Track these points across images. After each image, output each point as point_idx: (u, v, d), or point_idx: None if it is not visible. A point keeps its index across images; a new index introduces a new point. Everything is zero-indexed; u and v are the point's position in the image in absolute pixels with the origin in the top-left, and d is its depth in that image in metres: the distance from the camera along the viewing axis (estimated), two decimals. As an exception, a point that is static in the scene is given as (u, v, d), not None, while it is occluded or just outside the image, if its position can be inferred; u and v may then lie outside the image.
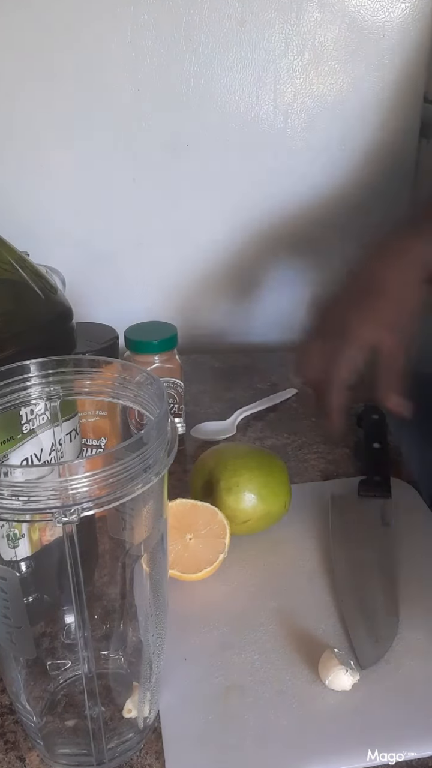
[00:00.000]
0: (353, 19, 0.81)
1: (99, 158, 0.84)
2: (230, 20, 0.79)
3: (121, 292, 0.92)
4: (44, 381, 0.40)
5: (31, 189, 0.85)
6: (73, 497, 0.31)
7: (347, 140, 0.87)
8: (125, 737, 0.41)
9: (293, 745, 0.41)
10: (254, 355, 0.93)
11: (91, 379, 0.41)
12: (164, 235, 0.90)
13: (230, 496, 0.54)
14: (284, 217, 0.91)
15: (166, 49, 0.80)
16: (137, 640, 0.44)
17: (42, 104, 0.81)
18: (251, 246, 0.92)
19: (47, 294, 0.47)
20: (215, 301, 0.95)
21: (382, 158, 0.89)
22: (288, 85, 0.84)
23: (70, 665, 0.45)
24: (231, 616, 0.50)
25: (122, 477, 0.32)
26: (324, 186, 0.89)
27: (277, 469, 0.58)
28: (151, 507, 0.38)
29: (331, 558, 0.54)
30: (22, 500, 0.31)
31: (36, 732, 0.42)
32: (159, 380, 0.38)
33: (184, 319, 0.88)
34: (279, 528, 0.58)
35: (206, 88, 0.82)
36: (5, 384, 0.39)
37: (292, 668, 0.46)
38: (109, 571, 0.45)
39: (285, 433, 0.75)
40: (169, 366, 0.68)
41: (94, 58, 0.79)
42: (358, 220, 0.92)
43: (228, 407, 0.79)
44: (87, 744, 0.40)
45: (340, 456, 0.70)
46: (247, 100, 0.84)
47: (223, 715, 0.43)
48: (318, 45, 0.82)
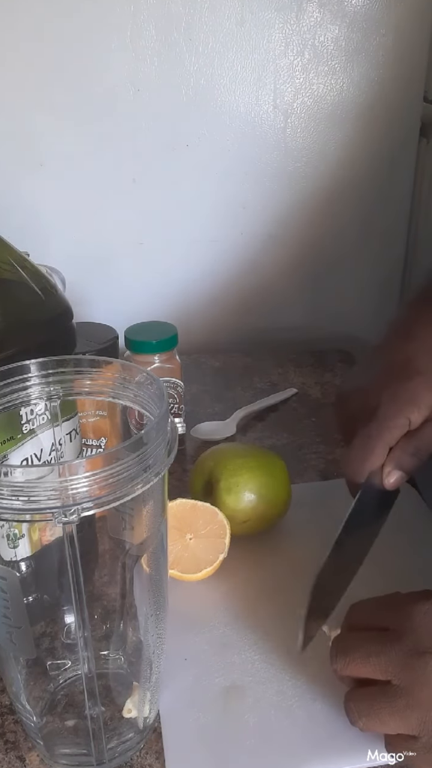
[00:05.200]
0: (353, 19, 0.81)
1: (99, 158, 0.84)
2: (230, 20, 0.79)
3: (121, 292, 0.92)
4: (44, 381, 0.40)
5: (31, 189, 0.85)
6: (73, 497, 0.31)
7: (347, 140, 0.87)
8: (125, 737, 0.41)
9: (293, 745, 0.41)
10: (254, 355, 0.93)
11: (91, 379, 0.41)
12: (164, 235, 0.90)
13: (230, 496, 0.54)
14: (284, 217, 0.91)
15: (166, 49, 0.80)
16: (137, 640, 0.44)
17: (42, 104, 0.81)
18: (251, 246, 0.92)
19: (47, 294, 0.47)
20: (215, 301, 0.95)
21: (382, 158, 0.89)
22: (288, 85, 0.84)
23: (70, 665, 0.45)
24: (231, 616, 0.50)
25: (122, 477, 0.32)
26: (324, 186, 0.89)
27: (277, 469, 0.58)
28: (151, 507, 0.38)
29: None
30: (22, 500, 0.31)
31: (36, 732, 0.42)
32: (159, 380, 0.38)
33: (184, 319, 0.88)
34: (279, 528, 0.58)
35: (206, 88, 0.82)
36: (5, 384, 0.39)
37: (292, 668, 0.46)
38: (109, 571, 0.45)
39: (285, 433, 0.75)
40: (169, 366, 0.68)
41: (94, 58, 0.79)
42: (358, 220, 0.92)
43: (228, 407, 0.79)
44: (87, 744, 0.40)
45: (340, 456, 0.70)
46: (247, 100, 0.84)
47: (223, 715, 0.43)
48: (318, 45, 0.82)
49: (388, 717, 0.37)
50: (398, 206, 0.92)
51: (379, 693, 0.38)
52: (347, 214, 0.91)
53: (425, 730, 0.36)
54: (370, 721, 0.38)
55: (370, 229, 0.93)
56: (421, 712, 0.36)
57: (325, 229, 0.92)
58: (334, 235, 0.93)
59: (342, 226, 0.92)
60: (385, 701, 0.37)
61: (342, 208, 0.91)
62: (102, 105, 0.82)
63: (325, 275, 0.95)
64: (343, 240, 0.93)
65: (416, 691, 0.36)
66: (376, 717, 0.38)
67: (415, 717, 0.36)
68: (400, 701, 0.37)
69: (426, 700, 0.36)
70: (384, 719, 0.37)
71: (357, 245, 0.94)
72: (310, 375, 0.87)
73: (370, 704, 0.38)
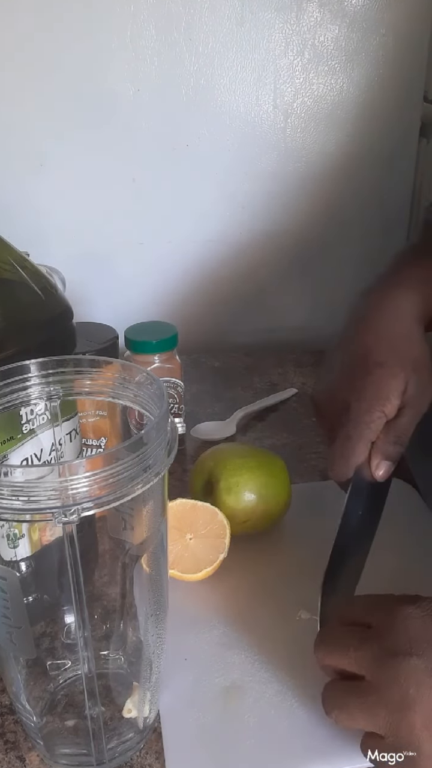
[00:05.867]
0: (353, 19, 0.81)
1: (99, 158, 0.84)
2: (230, 20, 0.79)
3: (121, 292, 0.92)
4: (44, 381, 0.40)
5: (31, 189, 0.85)
6: (73, 497, 0.31)
7: (347, 140, 0.87)
8: (125, 737, 0.41)
9: (293, 745, 0.41)
10: (254, 355, 0.93)
11: (91, 379, 0.41)
12: (164, 235, 0.90)
13: (230, 496, 0.54)
14: (284, 217, 0.91)
15: (166, 49, 0.80)
16: (137, 640, 0.44)
17: (42, 104, 0.81)
18: (251, 246, 0.92)
19: (47, 294, 0.47)
20: (215, 301, 0.95)
21: (382, 158, 0.89)
22: (288, 85, 0.84)
23: (70, 665, 0.45)
24: (231, 616, 0.50)
25: (122, 477, 0.32)
26: (324, 186, 0.89)
27: (277, 469, 0.58)
28: (151, 507, 0.38)
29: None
30: (22, 500, 0.31)
31: (36, 732, 0.42)
32: (159, 380, 0.38)
33: (184, 318, 0.88)
34: (279, 528, 0.58)
35: (206, 88, 0.82)
36: (5, 384, 0.39)
37: (292, 668, 0.46)
38: (109, 571, 0.45)
39: (285, 433, 0.75)
40: (169, 366, 0.68)
41: (94, 58, 0.79)
42: (358, 219, 0.92)
43: (228, 407, 0.79)
44: (87, 744, 0.40)
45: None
46: (247, 100, 0.84)
47: (223, 715, 0.43)
48: (318, 45, 0.82)
49: (357, 712, 0.38)
50: (398, 206, 0.92)
51: (353, 687, 0.38)
52: (347, 213, 0.91)
53: (391, 730, 0.36)
54: (341, 713, 0.38)
55: (369, 229, 0.93)
56: (388, 711, 0.36)
57: (325, 229, 0.92)
58: (334, 234, 0.93)
59: (342, 226, 0.92)
60: (356, 696, 0.38)
61: (342, 208, 0.91)
62: (102, 105, 0.82)
63: (325, 275, 0.95)
64: (343, 240, 0.93)
65: (387, 689, 0.36)
66: (346, 711, 0.38)
67: (383, 716, 0.36)
68: (370, 698, 0.37)
69: (395, 700, 0.36)
70: (354, 714, 0.38)
71: (357, 245, 0.94)
72: (310, 375, 0.87)
73: (343, 697, 0.39)
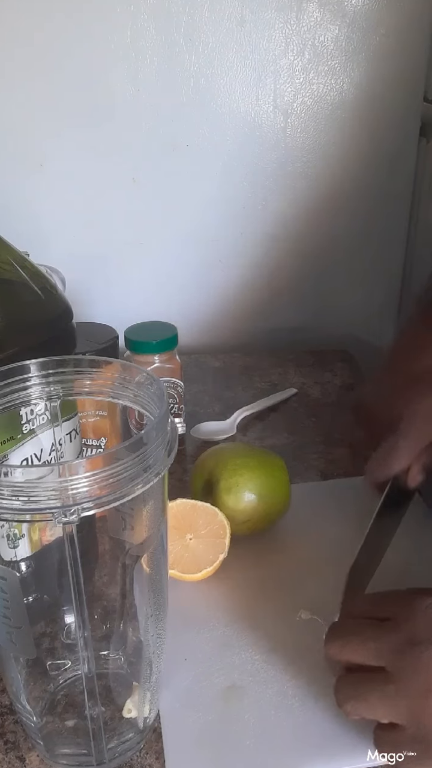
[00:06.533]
0: (353, 18, 0.81)
1: (99, 158, 0.84)
2: (230, 20, 0.79)
3: (121, 292, 0.92)
4: (44, 381, 0.40)
5: (30, 189, 0.85)
6: (73, 497, 0.31)
7: (347, 140, 0.87)
8: (125, 737, 0.41)
9: (293, 745, 0.41)
10: (254, 355, 0.93)
11: (91, 379, 0.41)
12: (164, 235, 0.90)
13: (230, 496, 0.54)
14: (284, 217, 0.91)
15: (166, 49, 0.80)
16: (137, 640, 0.44)
17: (42, 104, 0.81)
18: (251, 246, 0.92)
19: (47, 294, 0.47)
20: (215, 301, 0.95)
21: (382, 158, 0.89)
22: (288, 85, 0.84)
23: (70, 665, 0.45)
24: (231, 616, 0.50)
25: (122, 477, 0.32)
26: (324, 186, 0.89)
27: (277, 469, 0.58)
28: (151, 507, 0.38)
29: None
30: (22, 500, 0.31)
31: (36, 732, 0.42)
32: (159, 380, 0.38)
33: (184, 319, 0.88)
34: (279, 528, 0.58)
35: (206, 88, 0.82)
36: (5, 384, 0.39)
37: (292, 668, 0.46)
38: (109, 571, 0.45)
39: (285, 433, 0.75)
40: (169, 366, 0.68)
41: (94, 58, 0.79)
42: (358, 220, 0.92)
43: (228, 407, 0.79)
44: (87, 744, 0.40)
45: (340, 456, 0.70)
46: (247, 100, 0.84)
47: (223, 715, 0.43)
48: (318, 45, 0.82)
49: (377, 701, 0.37)
50: (398, 206, 0.92)
51: (371, 678, 0.38)
52: (347, 214, 0.91)
53: (412, 720, 0.36)
54: (358, 704, 0.38)
55: (370, 229, 0.93)
56: (410, 700, 0.36)
57: (324, 229, 0.92)
58: (333, 234, 0.93)
59: (342, 226, 0.92)
60: (375, 686, 0.38)
61: (342, 208, 0.91)
62: (102, 105, 0.82)
63: (325, 275, 0.95)
64: (343, 240, 0.93)
65: (408, 678, 0.36)
66: (364, 701, 0.38)
67: (404, 704, 0.36)
68: (390, 687, 0.37)
69: (416, 688, 0.36)
70: (372, 704, 0.38)
71: (357, 245, 0.94)
72: (310, 375, 0.87)
73: (360, 688, 0.38)
